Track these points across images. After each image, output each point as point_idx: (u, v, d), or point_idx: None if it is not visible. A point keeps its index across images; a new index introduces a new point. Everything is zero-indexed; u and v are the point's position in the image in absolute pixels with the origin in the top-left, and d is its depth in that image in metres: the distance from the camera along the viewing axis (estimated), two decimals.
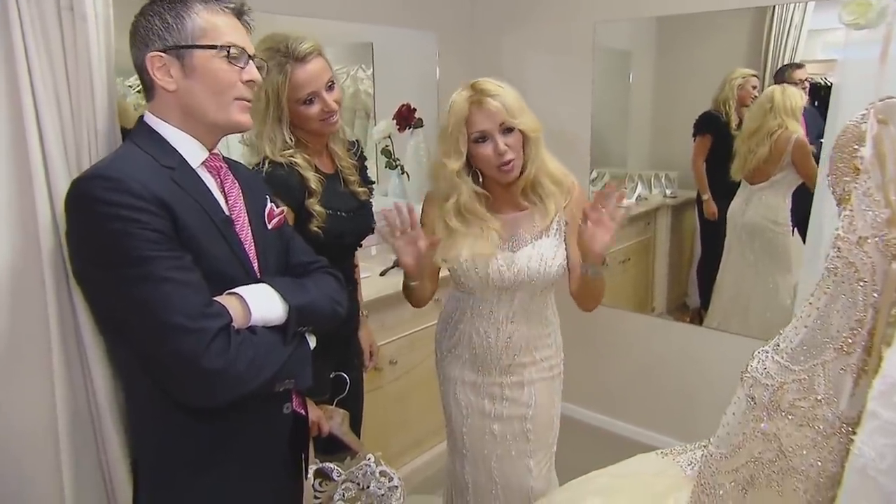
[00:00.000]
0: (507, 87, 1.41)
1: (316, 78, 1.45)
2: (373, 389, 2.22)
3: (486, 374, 1.59)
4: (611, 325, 2.82)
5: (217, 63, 1.04)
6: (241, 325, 1.05)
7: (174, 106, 1.06)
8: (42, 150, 1.04)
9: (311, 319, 1.14)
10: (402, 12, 2.63)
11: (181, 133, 1.08)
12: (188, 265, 1.00)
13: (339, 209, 1.53)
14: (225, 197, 1.13)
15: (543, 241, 1.50)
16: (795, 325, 0.98)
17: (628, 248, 2.91)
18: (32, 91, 1.02)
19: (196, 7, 1.04)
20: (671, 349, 2.70)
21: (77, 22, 1.03)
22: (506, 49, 2.90)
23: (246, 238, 1.14)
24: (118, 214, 0.95)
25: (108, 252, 0.96)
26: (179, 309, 0.96)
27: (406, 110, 2.77)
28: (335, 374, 1.60)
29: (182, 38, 1.02)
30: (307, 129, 1.50)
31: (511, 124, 1.40)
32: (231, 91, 1.07)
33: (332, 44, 2.77)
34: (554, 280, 1.52)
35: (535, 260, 1.48)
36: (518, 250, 1.50)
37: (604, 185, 1.34)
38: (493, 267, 1.49)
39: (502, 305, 1.56)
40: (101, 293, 1.02)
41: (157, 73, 1.03)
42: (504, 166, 1.42)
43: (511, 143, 1.40)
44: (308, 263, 1.25)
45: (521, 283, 1.50)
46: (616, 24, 2.61)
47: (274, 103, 1.42)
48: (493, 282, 1.51)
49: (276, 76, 1.41)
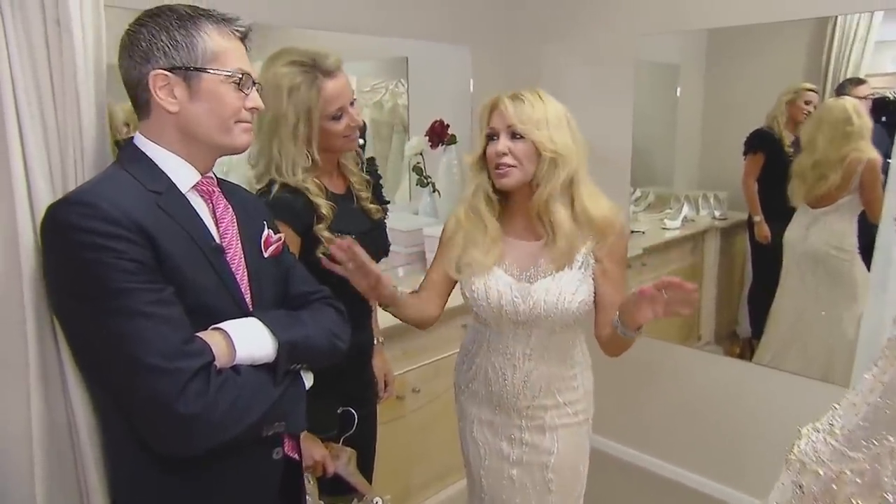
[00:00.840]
0: (545, 102, 1.35)
1: (344, 92, 1.39)
2: (394, 419, 2.13)
3: (504, 414, 1.48)
4: (650, 354, 2.65)
5: (225, 88, 0.99)
6: (225, 363, 0.96)
7: (171, 127, 1.00)
8: (25, 170, 0.98)
9: (306, 356, 1.06)
10: (437, 26, 2.58)
11: (172, 156, 1.01)
12: (168, 298, 0.92)
13: (349, 231, 1.44)
14: (216, 223, 1.06)
15: (564, 275, 1.38)
16: (853, 401, 0.81)
17: (674, 272, 2.75)
18: (16, 108, 0.96)
19: (207, 28, 0.98)
20: (717, 384, 2.51)
21: (63, 35, 0.97)
22: (543, 63, 2.81)
23: (238, 267, 1.06)
24: (93, 242, 0.88)
25: (82, 283, 0.89)
26: (155, 347, 0.88)
27: (439, 126, 2.69)
28: (343, 410, 1.50)
29: (192, 59, 0.97)
30: (329, 147, 1.43)
31: (518, 130, 1.33)
32: (235, 116, 1.02)
33: (368, 58, 2.80)
34: (575, 318, 1.40)
35: (552, 294, 1.36)
36: (535, 282, 1.39)
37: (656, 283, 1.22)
38: (506, 298, 1.39)
39: (519, 341, 1.44)
40: (75, 326, 0.95)
41: (160, 92, 0.97)
42: (497, 168, 1.35)
43: (516, 150, 1.33)
44: (308, 293, 1.17)
45: (538, 319, 1.38)
46: (663, 36, 2.48)
47: (304, 121, 1.35)
48: (507, 314, 1.40)
49: (306, 92, 1.33)
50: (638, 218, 2.74)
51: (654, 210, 2.77)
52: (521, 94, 1.35)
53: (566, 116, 1.37)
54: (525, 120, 1.32)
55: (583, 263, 1.39)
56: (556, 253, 1.37)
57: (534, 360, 1.43)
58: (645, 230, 2.75)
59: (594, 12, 2.62)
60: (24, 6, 0.94)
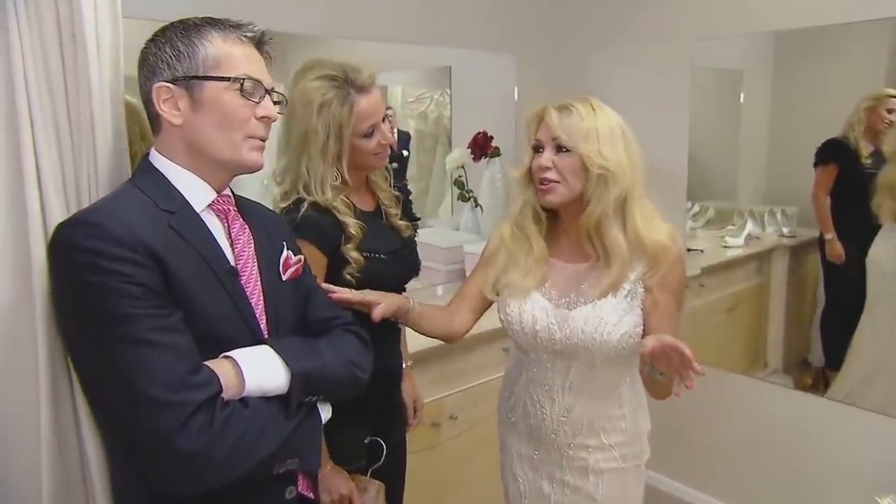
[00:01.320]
0: (596, 113, 1.27)
1: (377, 109, 1.35)
2: (429, 447, 2.06)
3: (545, 451, 1.39)
4: (711, 383, 2.46)
5: (228, 96, 0.96)
6: (234, 395, 0.92)
7: (180, 142, 0.98)
8: (39, 187, 0.97)
9: (322, 387, 1.01)
10: (481, 34, 2.56)
11: (187, 173, 0.99)
12: (174, 325, 0.89)
13: (378, 251, 1.40)
14: (232, 244, 1.02)
15: (607, 303, 1.29)
16: None
17: (736, 293, 2.61)
18: (31, 123, 0.95)
19: (211, 34, 0.96)
20: (785, 419, 2.34)
21: (78, 50, 0.96)
22: (591, 70, 2.75)
23: (253, 291, 1.02)
24: (97, 265, 0.85)
25: (85, 307, 0.87)
26: (157, 377, 0.85)
27: (482, 138, 2.65)
28: (370, 440, 1.45)
29: (192, 67, 0.94)
30: (359, 164, 1.39)
31: (563, 143, 1.26)
32: (243, 128, 0.97)
33: (411, 67, 2.80)
34: (617, 351, 1.29)
35: (591, 323, 1.28)
36: (574, 309, 1.31)
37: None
38: (542, 324, 1.32)
39: (557, 372, 1.35)
40: (79, 353, 0.93)
41: (164, 105, 0.95)
42: (541, 184, 1.28)
43: (561, 164, 1.26)
44: (328, 319, 1.12)
45: (575, 349, 1.30)
46: (723, 40, 2.37)
47: (335, 138, 1.31)
48: (543, 342, 1.33)
49: (338, 108, 1.30)
50: (696, 235, 2.62)
51: (714, 226, 2.64)
52: (571, 104, 1.28)
53: (621, 128, 1.28)
54: (571, 132, 1.25)
55: (630, 292, 1.29)
56: (603, 278, 1.28)
57: (574, 395, 1.34)
58: (704, 248, 2.61)
59: (647, 16, 2.54)
60: (41, 20, 0.94)
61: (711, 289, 2.59)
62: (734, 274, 2.62)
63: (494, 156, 2.64)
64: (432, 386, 2.05)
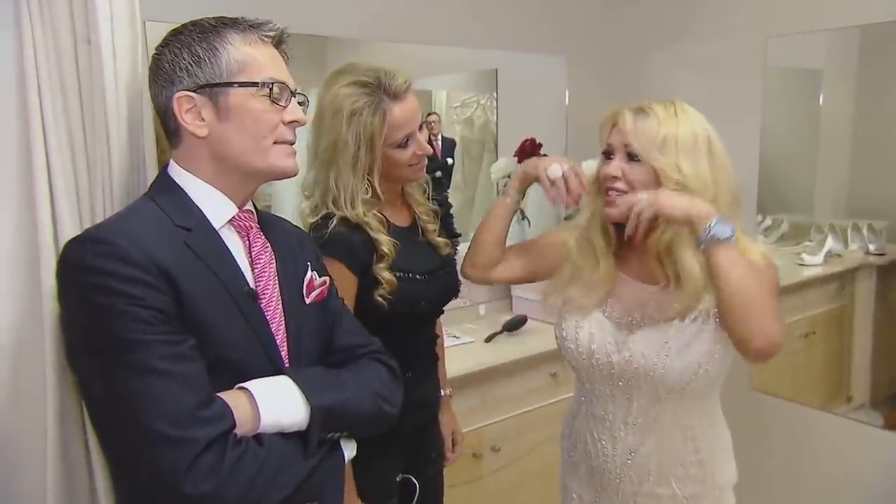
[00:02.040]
0: (679, 119, 1.18)
1: (412, 117, 1.31)
2: (469, 481, 2.01)
3: (609, 497, 1.29)
4: (785, 419, 2.35)
5: (256, 103, 0.92)
6: (249, 430, 0.88)
7: (204, 154, 0.94)
8: (51, 200, 0.96)
9: (345, 422, 0.97)
10: (530, 35, 2.54)
11: (208, 187, 0.96)
12: (186, 353, 0.85)
13: (413, 271, 1.34)
14: (252, 264, 0.99)
15: (675, 326, 1.20)
16: None
17: (814, 317, 2.47)
18: (44, 132, 0.94)
19: (231, 37, 0.92)
20: (871, 463, 2.17)
21: (93, 55, 0.94)
22: (650, 71, 2.68)
23: (274, 315, 0.99)
24: (107, 286, 0.82)
25: (92, 331, 0.84)
26: (164, 411, 0.81)
27: (530, 145, 2.59)
28: (402, 477, 1.39)
29: (216, 74, 0.91)
30: (393, 177, 1.35)
31: (637, 153, 1.17)
32: (272, 135, 0.94)
33: (456, 71, 2.77)
34: (683, 383, 1.19)
35: (654, 348, 1.19)
36: (636, 331, 1.23)
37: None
38: (598, 343, 1.24)
39: (619, 405, 1.26)
40: (85, 379, 0.90)
41: (186, 116, 0.92)
42: (611, 195, 1.21)
43: (631, 174, 1.18)
44: (355, 347, 1.08)
45: (636, 377, 1.22)
46: (799, 37, 2.26)
47: (366, 149, 1.27)
48: (599, 365, 1.25)
49: (369, 117, 1.25)
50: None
51: (788, 242, 2.52)
52: (649, 107, 1.19)
53: (708, 138, 1.19)
54: (646, 139, 1.16)
55: (699, 317, 1.20)
56: (674, 298, 1.20)
57: (638, 433, 1.24)
58: (777, 266, 2.47)
59: (712, 13, 2.46)
60: (55, 24, 0.93)
61: (786, 312, 2.39)
62: (812, 295, 2.49)
63: None
64: (472, 415, 2.01)
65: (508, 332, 2.25)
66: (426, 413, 1.48)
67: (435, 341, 1.51)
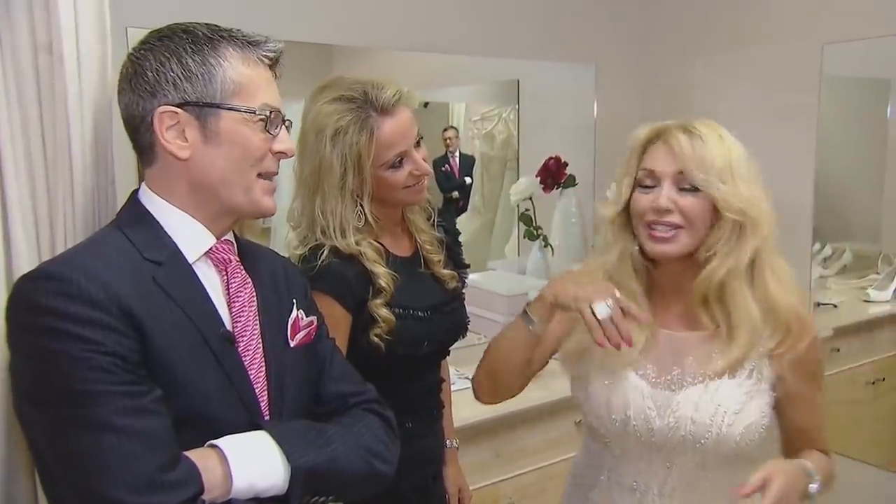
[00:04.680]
0: (725, 141, 1.17)
1: (406, 133, 1.29)
2: None
3: None
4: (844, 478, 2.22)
5: (248, 129, 0.92)
6: (219, 496, 0.85)
7: (181, 178, 0.93)
8: (4, 230, 0.94)
9: (332, 485, 0.96)
10: (555, 43, 2.55)
11: (184, 216, 0.94)
12: (150, 406, 0.83)
13: (415, 307, 1.32)
14: (229, 302, 0.97)
15: (725, 384, 1.16)
16: None
17: (882, 362, 2.42)
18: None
19: (228, 52, 0.92)
20: None
21: (55, 66, 0.93)
22: (690, 83, 2.67)
23: (253, 361, 0.96)
24: (60, 329, 0.80)
25: (43, 382, 0.82)
26: (121, 475, 0.79)
27: (554, 164, 2.62)
28: None
29: (209, 92, 0.90)
30: (388, 201, 1.33)
31: (695, 181, 1.13)
32: (258, 165, 0.94)
33: (475, 82, 2.79)
34: (738, 449, 1.16)
35: (705, 410, 1.15)
36: (680, 391, 1.18)
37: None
38: (635, 408, 1.18)
39: (654, 473, 1.20)
40: (34, 438, 0.87)
41: (167, 133, 0.90)
42: (661, 230, 1.15)
43: (686, 206, 1.14)
44: (347, 396, 1.06)
45: (682, 444, 1.17)
46: (861, 43, 2.22)
47: (353, 171, 1.26)
48: (636, 432, 1.19)
49: (355, 135, 1.24)
50: (827, 285, 2.47)
51: (851, 275, 2.49)
52: (695, 127, 1.16)
53: (753, 162, 1.18)
54: (707, 166, 1.13)
55: (754, 370, 1.17)
56: (719, 352, 1.17)
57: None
58: (838, 303, 2.46)
59: (762, 17, 2.45)
60: (13, 30, 0.92)
61: (848, 356, 2.41)
62: (879, 337, 2.47)
63: (568, 185, 2.59)
64: (485, 469, 1.98)
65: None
66: (429, 469, 1.45)
67: (440, 386, 1.49)
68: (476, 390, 1.32)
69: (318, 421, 1.00)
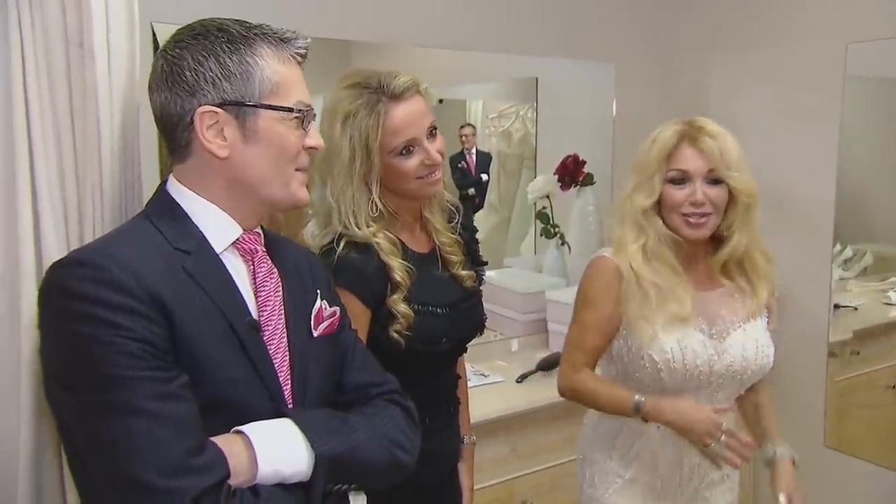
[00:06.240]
0: (730, 136, 1.41)
1: (416, 121, 1.29)
2: None
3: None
4: (866, 485, 2.23)
5: (284, 128, 0.95)
6: (244, 481, 0.87)
7: (218, 175, 0.95)
8: (35, 218, 0.96)
9: (355, 473, 0.96)
10: (575, 41, 2.56)
11: (213, 207, 0.96)
12: (178, 392, 0.84)
13: (433, 304, 1.33)
14: (256, 291, 0.98)
15: (754, 325, 1.47)
16: None
17: None
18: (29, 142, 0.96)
19: (264, 51, 0.93)
20: None
21: (86, 60, 0.95)
22: (711, 80, 2.67)
23: (278, 350, 0.98)
24: (92, 315, 0.82)
25: (74, 366, 0.84)
26: (151, 458, 0.80)
27: (573, 163, 2.61)
28: None
29: (248, 92, 0.92)
30: (399, 191, 1.33)
31: (722, 176, 1.38)
32: (295, 161, 0.97)
33: (493, 79, 2.80)
34: (764, 375, 1.50)
35: (749, 348, 1.45)
36: (727, 337, 1.45)
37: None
38: (702, 358, 1.42)
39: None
40: (64, 422, 0.89)
41: (207, 132, 0.92)
42: (696, 218, 1.39)
43: (714, 196, 1.39)
44: (369, 386, 1.07)
45: (731, 379, 1.45)
46: (886, 43, 2.21)
47: (362, 155, 1.26)
48: (700, 376, 1.42)
49: (364, 119, 1.26)
50: (848, 287, 2.45)
51: (872, 277, 2.49)
52: (716, 130, 1.39)
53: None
54: (730, 162, 1.37)
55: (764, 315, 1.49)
56: (742, 301, 1.47)
57: None
58: (858, 305, 2.45)
59: (784, 16, 2.45)
60: (46, 27, 0.95)
61: (869, 359, 2.42)
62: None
63: (586, 184, 2.59)
64: (500, 465, 1.99)
65: (544, 372, 2.21)
66: (447, 464, 1.46)
67: (457, 383, 1.49)
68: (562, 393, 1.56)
69: (339, 410, 1.01)
